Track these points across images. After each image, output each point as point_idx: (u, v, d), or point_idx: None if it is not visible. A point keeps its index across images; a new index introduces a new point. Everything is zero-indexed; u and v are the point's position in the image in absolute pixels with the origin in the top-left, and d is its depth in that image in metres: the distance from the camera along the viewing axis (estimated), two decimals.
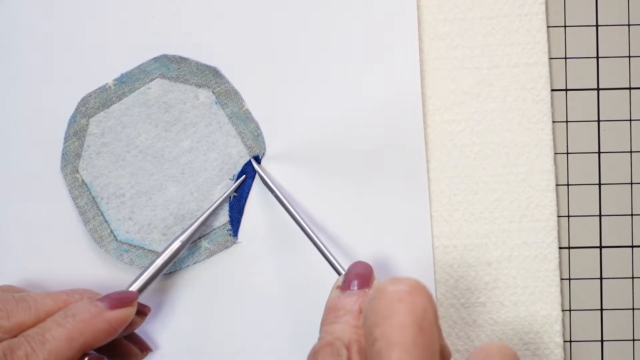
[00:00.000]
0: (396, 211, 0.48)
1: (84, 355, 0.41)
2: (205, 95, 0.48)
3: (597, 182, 0.48)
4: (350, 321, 0.39)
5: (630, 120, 0.48)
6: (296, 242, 0.48)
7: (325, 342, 0.38)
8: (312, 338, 0.48)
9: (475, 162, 0.48)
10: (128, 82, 0.48)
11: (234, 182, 0.48)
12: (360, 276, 0.42)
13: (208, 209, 0.47)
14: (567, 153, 0.48)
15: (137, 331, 0.46)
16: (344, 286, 0.42)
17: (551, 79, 0.48)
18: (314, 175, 0.48)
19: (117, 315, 0.42)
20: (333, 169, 0.48)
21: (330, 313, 0.41)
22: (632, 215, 0.48)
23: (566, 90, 0.48)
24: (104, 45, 0.48)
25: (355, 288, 0.41)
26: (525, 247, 0.48)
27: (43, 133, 0.48)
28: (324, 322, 0.41)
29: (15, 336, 0.40)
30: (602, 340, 0.48)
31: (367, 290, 0.42)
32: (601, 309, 0.48)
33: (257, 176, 0.48)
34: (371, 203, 0.48)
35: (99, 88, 0.48)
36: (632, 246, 0.48)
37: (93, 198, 0.48)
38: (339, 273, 0.45)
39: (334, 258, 0.45)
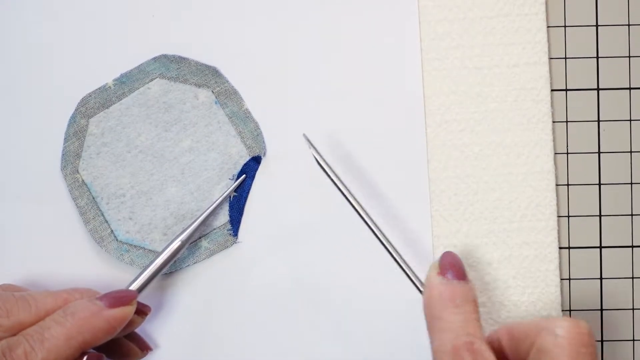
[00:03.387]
0: (396, 211, 0.48)
1: (83, 353, 0.41)
2: (205, 95, 0.48)
3: (597, 182, 0.48)
4: (473, 314, 0.41)
5: (630, 120, 0.48)
6: (296, 242, 0.48)
7: (463, 341, 0.39)
8: (311, 337, 0.48)
9: (475, 162, 0.48)
10: (128, 82, 0.48)
11: (234, 182, 0.48)
12: (453, 266, 0.43)
13: (208, 209, 0.47)
14: (567, 153, 0.48)
15: (137, 330, 0.46)
16: (443, 272, 0.43)
17: (551, 79, 0.48)
18: (314, 175, 0.48)
19: (116, 314, 0.42)
20: (333, 168, 0.48)
21: (448, 302, 0.41)
22: (632, 215, 0.48)
23: (566, 90, 0.48)
24: (104, 45, 0.48)
25: (451, 277, 0.43)
26: (525, 247, 0.48)
27: (43, 133, 0.48)
28: (443, 309, 0.41)
29: (14, 335, 0.40)
30: (602, 341, 0.48)
31: (468, 281, 0.43)
32: (601, 309, 0.48)
33: (257, 175, 0.48)
34: (371, 203, 0.48)
35: (99, 88, 0.48)
36: (632, 246, 0.48)
37: (93, 198, 0.48)
38: (415, 284, 0.44)
39: (403, 261, 0.44)
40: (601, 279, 0.48)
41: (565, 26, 0.48)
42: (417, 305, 0.48)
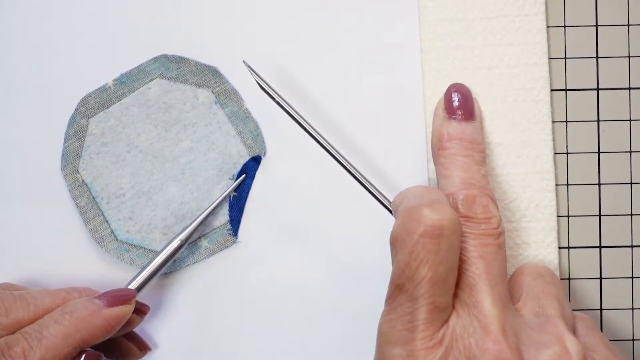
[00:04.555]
0: None
1: (82, 352, 0.41)
2: (204, 95, 0.48)
3: (597, 182, 0.48)
4: (479, 155, 0.44)
5: (630, 120, 0.48)
6: (296, 241, 0.48)
7: (471, 194, 0.41)
8: (311, 337, 0.48)
9: None
10: (128, 82, 0.48)
11: (234, 182, 0.48)
12: (460, 102, 0.45)
13: (207, 208, 0.47)
14: (567, 153, 0.48)
15: (136, 330, 0.46)
16: (449, 109, 0.45)
17: (551, 79, 0.48)
18: (314, 175, 0.48)
19: (115, 313, 0.42)
20: (333, 169, 0.48)
21: (455, 142, 0.44)
22: (631, 215, 0.48)
23: (566, 90, 0.48)
24: (104, 45, 0.48)
25: (459, 110, 0.45)
26: (525, 247, 0.47)
27: (43, 133, 0.48)
28: (444, 149, 0.43)
29: (13, 333, 0.40)
30: None
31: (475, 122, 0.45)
32: (601, 309, 0.48)
33: (257, 175, 0.48)
34: (371, 203, 0.48)
35: (99, 88, 0.48)
36: (632, 246, 0.48)
37: (93, 198, 0.48)
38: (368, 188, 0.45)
39: (366, 179, 0.45)
40: (601, 278, 0.48)
41: (565, 26, 0.48)
42: None
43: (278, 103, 0.45)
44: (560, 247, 0.48)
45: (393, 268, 0.39)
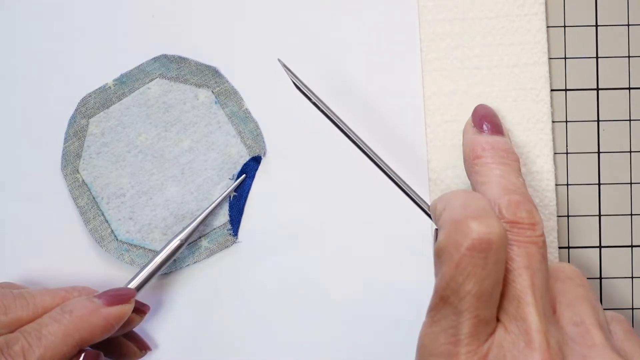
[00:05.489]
0: (397, 211, 0.48)
1: (81, 351, 0.41)
2: (204, 95, 0.48)
3: (597, 182, 0.48)
4: (515, 164, 0.43)
5: (630, 120, 0.48)
6: (296, 241, 0.48)
7: (514, 199, 0.40)
8: (312, 337, 0.48)
9: None
10: (128, 82, 0.48)
11: (234, 182, 0.48)
12: (488, 119, 0.45)
13: (207, 208, 0.47)
14: (567, 153, 0.48)
15: (136, 330, 0.46)
16: (478, 124, 0.45)
17: (551, 79, 0.48)
18: (314, 175, 0.48)
19: (114, 312, 0.42)
20: (333, 168, 0.48)
21: (489, 151, 0.43)
22: (631, 215, 0.48)
23: (566, 90, 0.48)
24: (104, 45, 0.48)
25: (487, 124, 0.45)
26: None
27: (43, 133, 0.48)
28: (479, 158, 0.43)
29: (12, 331, 0.40)
30: None
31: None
32: None
33: (257, 175, 0.48)
34: (371, 202, 0.48)
35: (99, 88, 0.48)
36: (632, 246, 0.48)
37: (93, 198, 0.48)
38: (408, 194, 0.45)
39: (405, 183, 0.45)
40: (601, 278, 0.48)
41: (564, 26, 0.48)
42: (420, 305, 0.48)
43: (314, 103, 0.44)
44: (560, 247, 0.48)
45: (438, 280, 0.38)
